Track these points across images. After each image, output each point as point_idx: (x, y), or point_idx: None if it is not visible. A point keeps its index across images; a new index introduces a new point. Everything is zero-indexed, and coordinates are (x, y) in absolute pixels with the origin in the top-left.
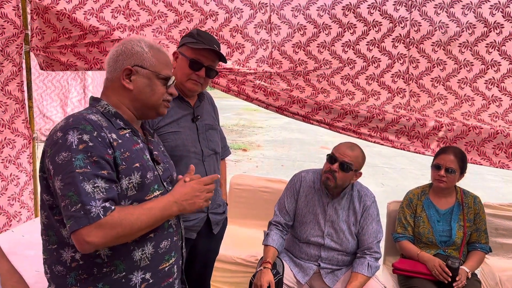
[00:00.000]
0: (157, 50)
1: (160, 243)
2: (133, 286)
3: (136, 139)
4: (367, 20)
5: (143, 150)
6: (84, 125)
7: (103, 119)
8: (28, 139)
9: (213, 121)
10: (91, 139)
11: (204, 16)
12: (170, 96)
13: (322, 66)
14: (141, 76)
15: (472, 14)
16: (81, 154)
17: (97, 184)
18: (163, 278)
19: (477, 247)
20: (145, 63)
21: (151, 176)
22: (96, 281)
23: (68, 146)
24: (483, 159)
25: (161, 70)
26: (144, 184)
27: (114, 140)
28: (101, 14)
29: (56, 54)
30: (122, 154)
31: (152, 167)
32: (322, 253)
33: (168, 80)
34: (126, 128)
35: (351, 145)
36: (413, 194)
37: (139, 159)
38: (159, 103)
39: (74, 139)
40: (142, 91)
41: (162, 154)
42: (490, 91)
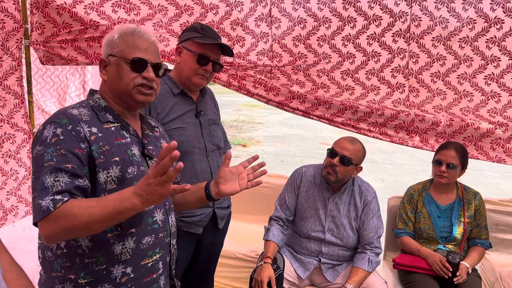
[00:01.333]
0: (129, 34)
1: (142, 238)
2: (114, 279)
3: (122, 133)
4: (367, 14)
5: (129, 145)
6: (61, 118)
7: (90, 113)
8: (28, 134)
9: (215, 116)
10: (63, 132)
11: (204, 9)
12: (146, 80)
13: (322, 60)
14: (112, 65)
15: (472, 9)
16: (51, 148)
17: (58, 178)
18: (146, 274)
19: (477, 243)
20: (114, 50)
21: (134, 171)
22: (79, 270)
23: (43, 140)
24: (481, 153)
25: (129, 54)
26: (125, 179)
27: (92, 134)
28: (102, 9)
29: (56, 49)
30: (100, 147)
31: (137, 162)
32: (322, 248)
33: (138, 63)
34: (114, 122)
35: (352, 139)
36: (414, 190)
37: (120, 153)
38: (128, 89)
39: (49, 133)
40: (112, 79)
41: (159, 149)
42: (489, 86)
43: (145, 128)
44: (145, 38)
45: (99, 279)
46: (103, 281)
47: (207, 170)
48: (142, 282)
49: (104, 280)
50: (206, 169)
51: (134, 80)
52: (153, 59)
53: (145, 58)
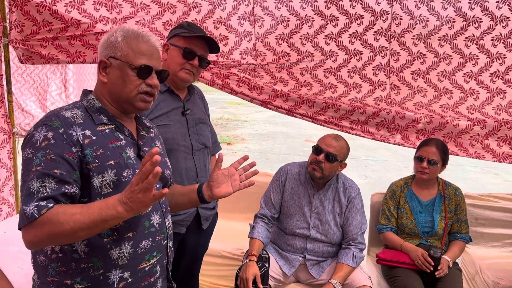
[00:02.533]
0: (134, 38)
1: (140, 242)
2: (111, 284)
3: (117, 135)
4: (349, 13)
5: (124, 147)
6: (53, 121)
7: (84, 114)
8: (8, 134)
9: (203, 115)
10: (54, 136)
11: (187, 7)
12: (150, 88)
13: (305, 58)
14: (114, 68)
15: (451, 8)
16: (41, 152)
17: (44, 184)
18: (143, 278)
19: (458, 237)
20: (117, 53)
21: (130, 174)
22: (74, 275)
23: (33, 143)
24: (460, 150)
25: (135, 59)
26: (121, 182)
27: (86, 137)
28: (83, 7)
29: (36, 47)
30: (94, 151)
31: (132, 165)
32: (308, 245)
33: (144, 70)
34: (109, 124)
35: (336, 136)
36: (396, 186)
37: (115, 157)
38: (132, 96)
39: (40, 136)
40: (114, 83)
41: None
42: (468, 84)
43: (141, 129)
44: (150, 44)
45: (96, 284)
46: (100, 286)
47: (192, 169)
48: (140, 286)
49: (101, 285)
50: (191, 167)
51: (138, 87)
52: (157, 65)
53: (150, 65)
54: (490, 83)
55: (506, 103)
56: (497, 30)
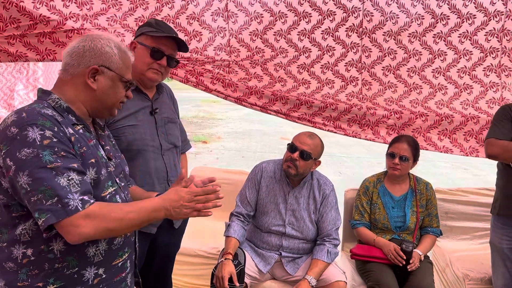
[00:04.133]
0: (124, 52)
1: (114, 239)
2: (86, 281)
3: (88, 135)
4: (322, 9)
5: (97, 146)
6: (42, 121)
7: (56, 113)
8: None
9: (172, 114)
10: (54, 135)
11: (159, 3)
12: (126, 99)
13: (279, 55)
14: (106, 78)
15: (420, 6)
16: (47, 150)
17: (71, 177)
18: (116, 273)
19: (429, 231)
20: (113, 65)
21: (105, 173)
22: (47, 276)
23: (31, 143)
24: (429, 144)
25: (125, 73)
26: (100, 181)
27: (71, 134)
28: (52, 3)
29: (3, 45)
30: (79, 149)
31: (105, 163)
32: (283, 242)
33: (129, 84)
34: (79, 124)
35: (310, 134)
36: (369, 182)
37: (94, 155)
38: (113, 105)
39: (36, 135)
40: (105, 93)
41: (113, 149)
42: (437, 79)
43: (98, 128)
44: (131, 59)
45: (70, 283)
46: (75, 284)
47: (162, 169)
48: (113, 281)
49: (76, 283)
50: (161, 168)
51: (121, 98)
52: None
53: (131, 79)
54: (458, 78)
55: (473, 98)
56: (463, 28)
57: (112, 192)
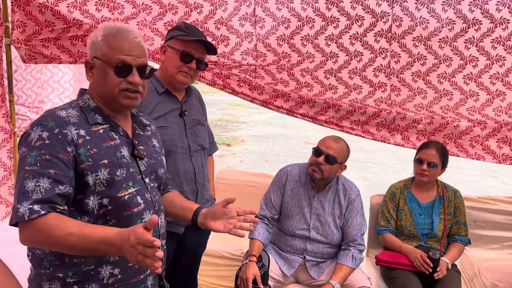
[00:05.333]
0: (112, 36)
1: None
2: (101, 279)
3: (111, 135)
4: (350, 14)
5: (118, 147)
6: (47, 121)
7: (79, 114)
8: (9, 133)
9: (200, 117)
10: (49, 136)
11: (188, 8)
12: (131, 85)
13: (306, 59)
14: (97, 68)
15: (451, 10)
16: (35, 151)
17: (39, 184)
18: (133, 275)
19: (457, 239)
20: (98, 53)
21: (123, 173)
22: (67, 269)
23: (28, 142)
24: (460, 151)
25: (113, 58)
26: (114, 181)
27: (80, 137)
28: (85, 7)
29: (38, 47)
30: (88, 150)
31: (126, 163)
32: (307, 246)
33: (122, 68)
34: (103, 124)
35: (336, 138)
36: (395, 188)
37: (108, 156)
38: (115, 94)
39: (35, 135)
40: (98, 83)
41: (151, 149)
42: (468, 86)
43: (136, 127)
44: (129, 40)
45: (87, 278)
46: (91, 280)
47: (190, 170)
48: (130, 283)
49: (92, 280)
50: (189, 169)
51: (119, 85)
52: (139, 60)
53: (129, 62)
54: (490, 85)
55: (506, 104)
56: (496, 32)
57: (132, 193)
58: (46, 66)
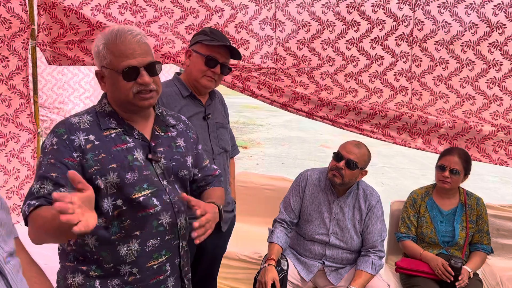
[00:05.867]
0: (112, 42)
1: (147, 241)
2: (123, 276)
3: (124, 138)
4: (371, 18)
5: (131, 150)
6: (59, 128)
7: (92, 120)
8: (33, 134)
9: (223, 120)
10: (57, 142)
11: (209, 12)
12: (143, 86)
13: (326, 63)
14: (107, 77)
15: (475, 14)
16: (46, 156)
17: (43, 186)
18: (152, 275)
19: (479, 248)
20: (104, 62)
21: (134, 176)
22: (90, 263)
23: (43, 149)
24: (483, 156)
25: (118, 64)
26: (125, 184)
27: (89, 142)
28: (108, 10)
29: (63, 49)
30: (96, 155)
31: (139, 166)
32: (326, 251)
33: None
34: (117, 128)
35: (357, 143)
36: (416, 194)
37: (118, 160)
38: (130, 99)
39: (48, 142)
40: (112, 91)
41: (174, 150)
42: (491, 90)
43: (157, 129)
44: (128, 41)
45: (109, 274)
46: (113, 276)
47: None
48: (149, 283)
49: (114, 276)
50: None
51: (131, 89)
52: (144, 60)
53: (134, 64)
54: None
55: None
56: None
57: (147, 195)
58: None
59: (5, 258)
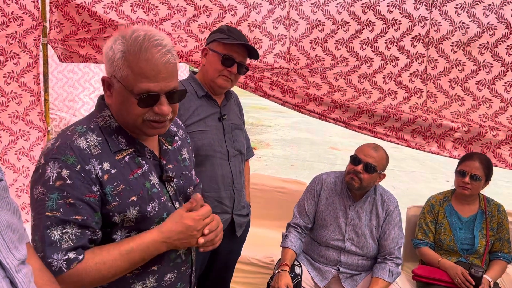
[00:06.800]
0: (133, 54)
1: (164, 276)
2: None
3: (138, 161)
4: (386, 18)
5: (147, 174)
6: (67, 155)
7: (100, 140)
8: (43, 132)
9: (239, 121)
10: (70, 176)
11: (223, 10)
12: (158, 116)
13: (339, 63)
14: (116, 90)
15: (493, 15)
16: (56, 193)
17: (66, 230)
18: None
19: (499, 256)
20: (117, 74)
21: (155, 207)
22: None
23: (45, 181)
24: (499, 160)
25: (136, 84)
26: (145, 218)
27: (105, 172)
28: (121, 8)
29: (74, 47)
30: (115, 188)
31: (157, 194)
32: (342, 257)
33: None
34: (128, 149)
35: (375, 146)
36: (435, 200)
37: (137, 190)
38: (138, 124)
39: (53, 173)
40: (118, 108)
41: (181, 165)
42: (509, 93)
43: (164, 141)
44: (155, 61)
45: None
46: None
47: (228, 176)
48: None
49: None
50: (227, 174)
51: (144, 115)
52: (167, 86)
53: (155, 90)
54: None
55: None
56: None
57: None
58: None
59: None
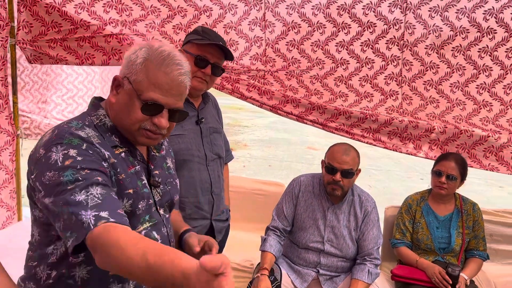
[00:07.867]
0: (155, 64)
1: None
2: None
3: (132, 160)
4: (361, 20)
5: (139, 174)
6: (69, 138)
7: (97, 134)
8: (12, 136)
9: (217, 124)
10: (78, 153)
11: (198, 11)
12: (155, 127)
13: (315, 66)
14: (124, 91)
15: (466, 19)
16: (69, 170)
17: (90, 192)
18: None
19: (475, 254)
20: (132, 76)
21: (143, 207)
22: None
23: (53, 165)
24: (474, 161)
25: (146, 91)
26: (134, 215)
27: (110, 156)
28: (93, 9)
29: (44, 48)
30: (116, 175)
31: (147, 194)
32: (321, 259)
33: (151, 107)
34: (122, 147)
35: (344, 149)
36: (412, 200)
37: (133, 185)
38: (134, 129)
39: (59, 155)
40: (120, 109)
41: (167, 172)
42: (481, 96)
43: (152, 148)
44: (172, 77)
45: None
46: None
47: (206, 181)
48: None
49: None
50: (205, 179)
51: (141, 122)
52: (173, 102)
53: (161, 102)
54: (504, 95)
55: None
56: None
57: (147, 228)
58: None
59: None
